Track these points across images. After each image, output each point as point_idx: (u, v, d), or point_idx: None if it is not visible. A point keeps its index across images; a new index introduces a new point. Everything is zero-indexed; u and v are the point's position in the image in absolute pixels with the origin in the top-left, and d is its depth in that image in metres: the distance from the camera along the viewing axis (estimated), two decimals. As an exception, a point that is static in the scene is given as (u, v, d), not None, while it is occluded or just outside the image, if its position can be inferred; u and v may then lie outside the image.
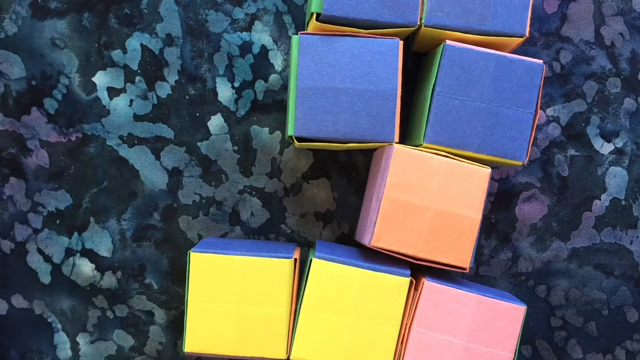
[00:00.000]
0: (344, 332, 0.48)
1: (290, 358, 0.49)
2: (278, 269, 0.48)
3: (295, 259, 0.49)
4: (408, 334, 0.48)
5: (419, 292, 0.48)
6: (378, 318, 0.48)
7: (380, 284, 0.48)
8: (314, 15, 0.48)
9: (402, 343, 0.48)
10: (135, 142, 0.56)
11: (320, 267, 0.48)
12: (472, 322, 0.48)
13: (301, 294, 0.49)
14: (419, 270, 0.53)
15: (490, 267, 0.57)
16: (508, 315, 0.48)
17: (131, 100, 0.56)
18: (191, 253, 0.49)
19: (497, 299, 0.48)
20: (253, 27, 0.56)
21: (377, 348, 0.48)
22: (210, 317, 0.49)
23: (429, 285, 0.48)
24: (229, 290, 0.49)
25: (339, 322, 0.48)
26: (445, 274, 0.54)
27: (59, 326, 0.57)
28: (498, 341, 0.48)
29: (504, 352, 0.48)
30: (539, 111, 0.54)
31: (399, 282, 0.48)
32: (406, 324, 0.48)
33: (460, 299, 0.48)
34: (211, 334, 0.49)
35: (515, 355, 0.48)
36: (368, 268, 0.48)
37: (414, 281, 0.49)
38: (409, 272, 0.48)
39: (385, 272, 0.48)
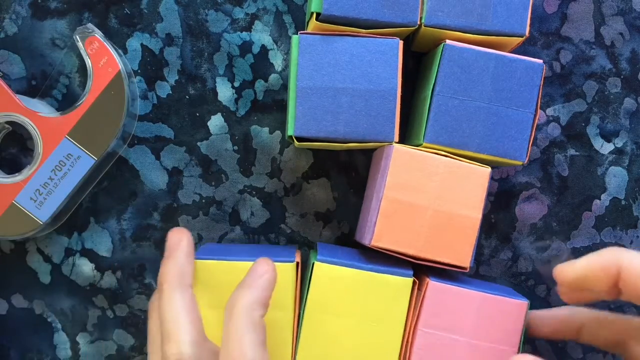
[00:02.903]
0: (349, 334, 0.48)
1: (295, 362, 0.48)
2: (281, 273, 0.48)
3: (298, 263, 0.48)
4: (414, 335, 0.48)
5: (422, 292, 0.48)
6: (382, 319, 0.48)
7: (383, 285, 0.48)
8: (314, 15, 0.48)
9: (407, 344, 0.48)
10: (135, 142, 0.56)
11: (323, 271, 0.48)
12: (476, 319, 0.48)
13: (304, 298, 0.48)
14: (419, 270, 0.53)
15: (490, 266, 0.57)
16: (511, 311, 0.48)
17: (131, 100, 0.56)
18: (192, 260, 0.48)
19: (499, 295, 0.48)
20: (253, 27, 0.56)
21: (382, 349, 0.48)
22: (213, 324, 0.48)
23: (433, 284, 0.48)
24: None
25: (343, 325, 0.48)
26: (446, 272, 0.54)
27: (59, 326, 0.57)
28: (502, 337, 0.48)
29: (508, 347, 0.48)
30: (539, 111, 0.54)
31: (402, 283, 0.48)
32: (411, 324, 0.48)
33: (464, 297, 0.48)
34: (215, 342, 0.48)
35: (519, 350, 0.48)
36: (370, 270, 0.48)
37: (417, 281, 0.49)
38: (411, 272, 0.48)
39: (388, 273, 0.48)
